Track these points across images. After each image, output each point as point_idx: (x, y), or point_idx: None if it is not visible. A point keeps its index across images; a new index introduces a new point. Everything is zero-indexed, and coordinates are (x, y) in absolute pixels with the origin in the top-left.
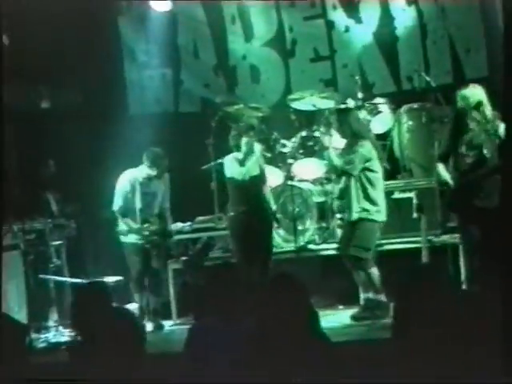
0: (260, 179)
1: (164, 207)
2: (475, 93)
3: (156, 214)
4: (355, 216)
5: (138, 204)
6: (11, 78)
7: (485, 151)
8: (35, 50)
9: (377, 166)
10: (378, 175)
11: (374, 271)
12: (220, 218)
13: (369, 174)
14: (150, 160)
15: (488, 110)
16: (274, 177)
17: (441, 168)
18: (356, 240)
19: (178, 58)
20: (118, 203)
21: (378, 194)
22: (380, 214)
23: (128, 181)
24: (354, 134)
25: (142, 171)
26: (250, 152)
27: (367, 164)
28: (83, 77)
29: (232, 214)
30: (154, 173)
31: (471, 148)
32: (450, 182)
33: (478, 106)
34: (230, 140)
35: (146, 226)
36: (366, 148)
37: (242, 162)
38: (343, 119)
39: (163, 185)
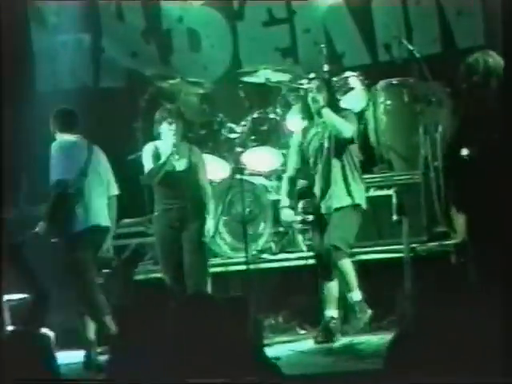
0: (191, 172)
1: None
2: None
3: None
4: (342, 203)
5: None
6: None
7: None
8: None
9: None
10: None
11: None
12: (152, 220)
13: (353, 154)
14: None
15: None
16: (218, 169)
17: None
18: (339, 231)
19: (98, 20)
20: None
21: (360, 179)
22: (363, 198)
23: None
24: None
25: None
26: (176, 141)
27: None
28: None
29: (156, 213)
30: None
31: None
32: None
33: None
34: (154, 125)
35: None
36: (355, 120)
37: (163, 153)
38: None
39: (89, 151)
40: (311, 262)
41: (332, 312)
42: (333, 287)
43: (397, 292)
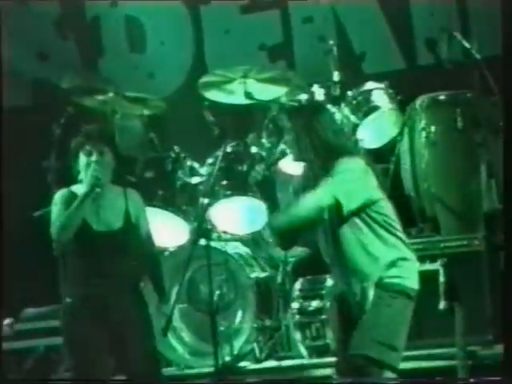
0: (127, 232)
1: None
2: None
3: None
4: (371, 294)
5: None
6: None
7: None
8: None
9: (382, 201)
10: (388, 214)
11: None
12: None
13: (375, 214)
14: None
15: None
16: (172, 231)
17: None
18: (377, 332)
19: None
20: None
21: (399, 245)
22: (411, 278)
23: None
24: (327, 150)
25: None
26: (97, 184)
27: (368, 198)
28: None
29: (69, 300)
30: None
31: None
32: None
33: None
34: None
35: None
36: (358, 168)
37: (81, 203)
38: (303, 125)
39: None
40: (315, 372)
41: None
42: None
43: None
